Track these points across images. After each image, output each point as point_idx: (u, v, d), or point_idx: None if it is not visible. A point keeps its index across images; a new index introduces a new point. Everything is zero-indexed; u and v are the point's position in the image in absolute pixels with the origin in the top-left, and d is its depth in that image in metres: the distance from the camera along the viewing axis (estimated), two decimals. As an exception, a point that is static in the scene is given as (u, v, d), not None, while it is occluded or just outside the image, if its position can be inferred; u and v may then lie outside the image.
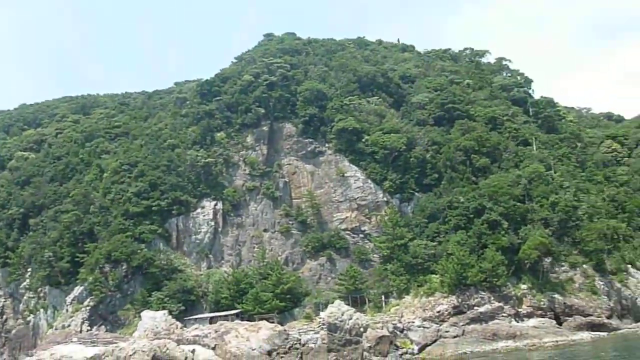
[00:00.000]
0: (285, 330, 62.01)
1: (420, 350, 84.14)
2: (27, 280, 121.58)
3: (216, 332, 58.86)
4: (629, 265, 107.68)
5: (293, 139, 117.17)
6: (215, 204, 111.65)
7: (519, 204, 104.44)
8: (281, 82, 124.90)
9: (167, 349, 51.78)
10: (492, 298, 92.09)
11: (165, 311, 67.49)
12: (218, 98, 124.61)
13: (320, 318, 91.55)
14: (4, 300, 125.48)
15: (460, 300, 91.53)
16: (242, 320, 73.32)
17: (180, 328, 63.37)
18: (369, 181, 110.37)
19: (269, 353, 55.30)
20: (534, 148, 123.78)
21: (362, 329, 60.52)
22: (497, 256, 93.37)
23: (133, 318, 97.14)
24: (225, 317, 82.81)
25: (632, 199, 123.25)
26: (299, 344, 59.72)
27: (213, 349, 56.06)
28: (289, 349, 56.84)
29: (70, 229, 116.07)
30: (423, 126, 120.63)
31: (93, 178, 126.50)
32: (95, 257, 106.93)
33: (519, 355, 68.61)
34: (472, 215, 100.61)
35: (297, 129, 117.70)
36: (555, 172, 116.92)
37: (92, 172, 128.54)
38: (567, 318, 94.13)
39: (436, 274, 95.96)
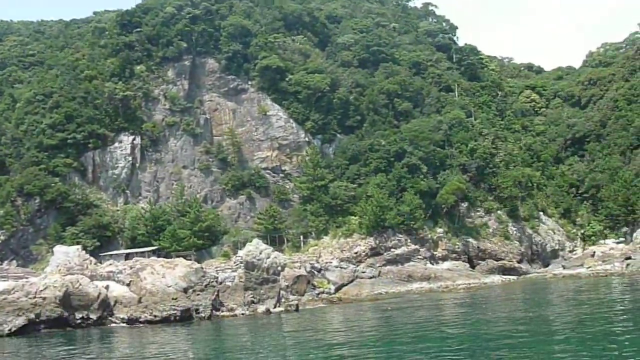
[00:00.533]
0: (202, 267, 61.31)
1: (337, 290, 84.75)
2: None
3: (131, 268, 57.64)
4: (541, 213, 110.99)
5: (215, 75, 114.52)
6: (134, 139, 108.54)
7: (438, 149, 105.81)
8: (205, 15, 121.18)
9: (80, 284, 50.37)
10: (409, 241, 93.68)
11: (79, 246, 65.76)
12: (139, 30, 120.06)
13: (238, 256, 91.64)
14: None
15: (377, 242, 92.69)
16: (159, 257, 72.17)
17: (95, 264, 61.89)
18: (291, 121, 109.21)
19: (185, 290, 54.49)
20: (456, 94, 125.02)
21: (279, 268, 60.38)
22: (415, 200, 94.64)
23: (46, 253, 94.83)
24: (142, 254, 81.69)
25: (547, 149, 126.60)
26: (216, 282, 59.15)
27: (128, 285, 54.93)
28: (206, 286, 56.11)
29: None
30: (347, 67, 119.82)
31: (5, 108, 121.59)
32: (6, 190, 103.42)
33: (433, 297, 70.00)
34: (392, 159, 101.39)
35: (220, 65, 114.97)
36: (475, 119, 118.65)
37: (4, 101, 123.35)
38: (480, 262, 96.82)
39: (355, 216, 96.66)
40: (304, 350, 29.12)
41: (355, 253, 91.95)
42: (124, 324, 50.07)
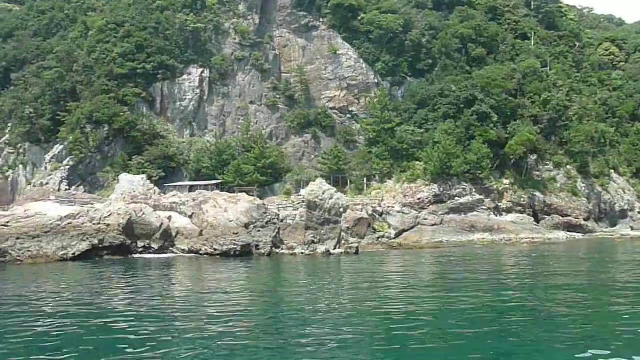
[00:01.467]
0: (264, 204, 61.02)
1: (397, 235, 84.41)
2: (7, 136, 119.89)
3: (194, 200, 57.72)
4: (612, 170, 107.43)
5: (287, 11, 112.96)
6: (202, 72, 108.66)
7: (510, 98, 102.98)
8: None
9: (144, 213, 50.65)
10: (474, 190, 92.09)
11: (144, 176, 66.31)
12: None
13: (300, 195, 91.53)
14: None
15: (441, 189, 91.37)
16: (221, 191, 72.30)
17: (159, 194, 62.34)
18: (361, 61, 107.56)
19: (246, 225, 54.31)
20: (532, 43, 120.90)
21: (341, 210, 59.57)
22: (483, 149, 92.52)
23: (112, 181, 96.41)
24: (205, 187, 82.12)
25: (623, 105, 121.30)
26: (277, 219, 58.77)
27: (190, 217, 55.09)
28: (267, 223, 55.84)
29: (53, 86, 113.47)
30: (422, 9, 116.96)
31: (78, 35, 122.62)
32: (76, 117, 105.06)
33: (495, 249, 68.59)
34: (462, 105, 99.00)
35: (292, 1, 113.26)
36: (550, 70, 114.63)
37: (77, 29, 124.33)
38: (545, 216, 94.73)
39: (420, 161, 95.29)
40: (360, 293, 28.40)
41: (419, 199, 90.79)
42: (185, 255, 50.25)
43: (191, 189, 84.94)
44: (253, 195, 70.89)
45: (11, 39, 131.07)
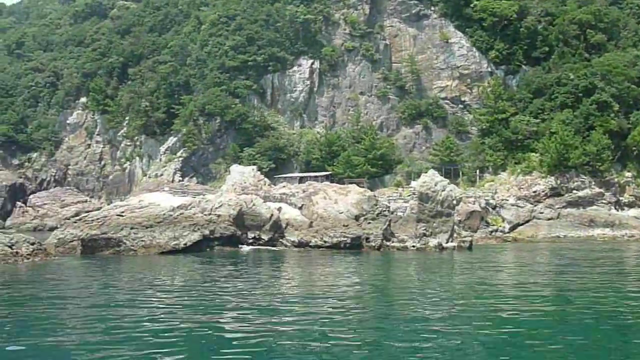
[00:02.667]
0: (374, 196, 59.86)
1: (512, 229, 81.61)
2: (125, 129, 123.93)
3: (304, 192, 57.22)
4: None
5: (397, 0, 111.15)
6: (312, 63, 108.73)
7: (633, 86, 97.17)
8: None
9: (254, 204, 50.51)
10: (593, 183, 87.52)
11: (255, 167, 66.47)
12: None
13: (411, 187, 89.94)
14: (102, 146, 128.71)
15: (558, 182, 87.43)
16: (331, 182, 71.75)
17: (269, 185, 62.23)
18: (474, 49, 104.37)
19: (357, 217, 53.33)
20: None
21: (454, 202, 57.65)
22: (603, 139, 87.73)
23: (224, 172, 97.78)
24: (315, 178, 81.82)
25: None
26: (388, 211, 57.50)
27: (300, 208, 54.61)
28: (377, 215, 54.68)
29: (167, 79, 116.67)
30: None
31: (191, 30, 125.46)
32: (189, 109, 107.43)
33: (617, 245, 64.83)
34: (581, 94, 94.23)
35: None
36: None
37: (191, 23, 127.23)
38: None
39: (536, 153, 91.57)
40: (474, 292, 26.78)
41: (534, 192, 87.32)
42: (294, 247, 49.78)
43: (301, 180, 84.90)
44: (363, 187, 69.81)
45: (128, 35, 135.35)
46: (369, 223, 53.92)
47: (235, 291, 25.86)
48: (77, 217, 54.62)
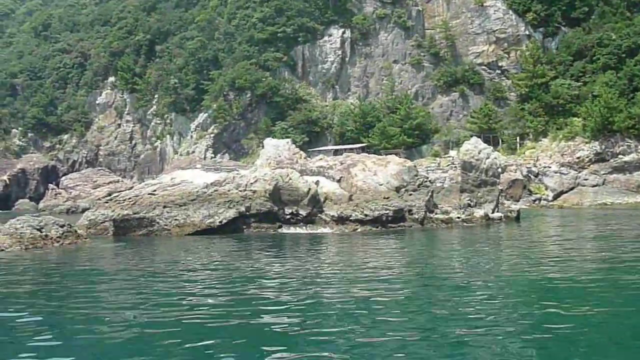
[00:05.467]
0: (415, 166, 57.38)
1: (555, 197, 79.35)
2: (154, 107, 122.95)
3: (342, 164, 54.83)
4: None
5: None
6: (343, 32, 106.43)
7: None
8: None
9: (290, 178, 48.31)
10: (639, 147, 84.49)
11: (289, 140, 64.24)
12: None
13: (449, 157, 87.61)
14: (132, 125, 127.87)
15: (603, 147, 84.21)
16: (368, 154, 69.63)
17: (304, 158, 59.93)
18: (510, 12, 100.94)
19: (397, 189, 50.88)
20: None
21: (499, 170, 55.14)
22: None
23: (256, 147, 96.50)
24: (350, 150, 79.92)
25: None
26: (429, 182, 54.95)
27: (338, 181, 52.25)
28: (419, 186, 52.13)
29: (195, 55, 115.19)
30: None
31: (218, 4, 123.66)
32: (219, 85, 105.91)
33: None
34: (624, 55, 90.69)
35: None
36: None
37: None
38: None
39: (578, 117, 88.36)
40: (524, 267, 24.46)
41: (577, 158, 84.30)
42: (334, 223, 47.54)
43: (335, 153, 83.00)
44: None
45: (154, 12, 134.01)
46: (410, 195, 51.39)
47: (274, 275, 23.87)
48: (109, 197, 52.85)
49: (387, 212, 47.67)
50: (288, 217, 48.02)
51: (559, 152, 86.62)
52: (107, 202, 50.15)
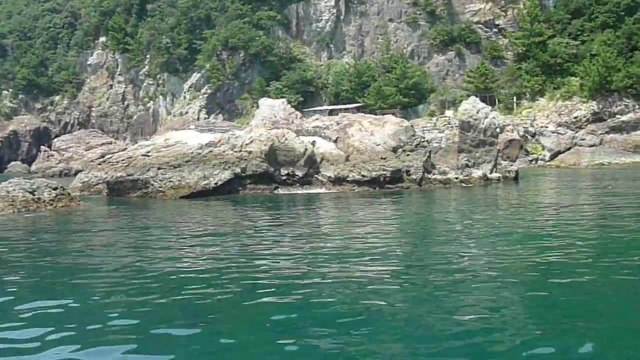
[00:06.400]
0: (412, 126, 56.63)
1: (552, 157, 79.22)
2: (146, 67, 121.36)
3: (338, 124, 54.11)
4: None
5: None
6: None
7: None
8: None
9: (286, 139, 47.57)
10: (637, 107, 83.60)
11: (285, 99, 63.34)
12: None
13: (445, 116, 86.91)
14: (124, 86, 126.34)
15: (600, 106, 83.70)
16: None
17: (300, 118, 59.10)
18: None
19: (394, 150, 50.25)
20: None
21: (497, 130, 54.49)
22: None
23: (250, 108, 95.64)
24: (346, 110, 79.00)
25: None
26: (426, 142, 54.32)
27: (335, 142, 51.56)
28: (416, 146, 51.51)
29: (187, 14, 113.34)
30: None
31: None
32: (212, 44, 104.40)
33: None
34: (622, 13, 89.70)
35: None
36: None
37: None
38: None
39: (576, 76, 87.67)
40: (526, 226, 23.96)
41: (575, 118, 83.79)
42: (330, 184, 46.90)
43: (331, 113, 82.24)
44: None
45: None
46: (408, 155, 50.77)
47: (269, 239, 23.33)
48: (102, 159, 52.08)
49: (385, 172, 47.08)
50: (284, 178, 47.37)
51: (556, 111, 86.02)
52: (100, 164, 49.46)
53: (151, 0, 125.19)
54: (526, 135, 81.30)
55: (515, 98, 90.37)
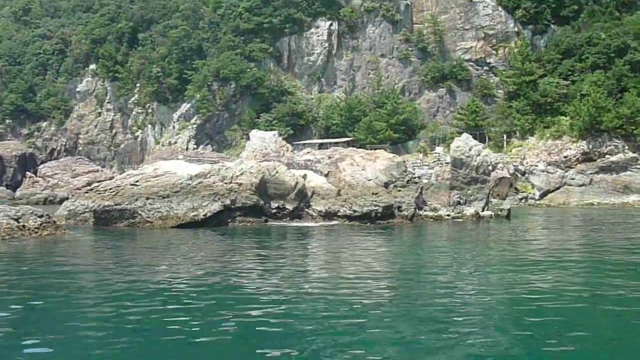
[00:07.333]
0: (404, 161, 56.35)
1: (542, 196, 78.74)
2: (136, 96, 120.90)
3: (330, 158, 53.67)
4: None
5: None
6: (331, 24, 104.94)
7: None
8: None
9: (277, 172, 47.03)
10: (627, 147, 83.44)
11: (276, 132, 62.95)
12: None
13: (435, 153, 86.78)
14: (113, 114, 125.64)
15: (590, 146, 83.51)
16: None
17: (291, 151, 58.67)
18: (500, 8, 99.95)
19: (386, 185, 49.91)
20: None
21: (490, 167, 54.16)
22: (637, 101, 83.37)
23: (240, 139, 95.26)
24: (336, 144, 78.74)
25: None
26: (418, 178, 54.00)
27: (326, 175, 51.06)
28: (407, 182, 51.20)
29: (179, 44, 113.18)
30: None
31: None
32: (203, 74, 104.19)
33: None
34: (612, 54, 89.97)
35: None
36: None
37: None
38: None
39: (566, 116, 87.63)
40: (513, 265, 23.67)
41: (565, 157, 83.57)
42: (321, 218, 46.33)
43: (320, 146, 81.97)
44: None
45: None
46: (399, 191, 50.43)
47: (258, 271, 22.94)
48: (89, 187, 51.15)
49: (377, 208, 46.59)
50: (274, 211, 46.78)
51: (546, 150, 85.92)
52: (87, 192, 48.54)
53: (143, 30, 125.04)
54: (516, 173, 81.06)
55: (505, 136, 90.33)
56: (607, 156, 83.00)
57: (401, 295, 18.41)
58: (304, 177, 49.24)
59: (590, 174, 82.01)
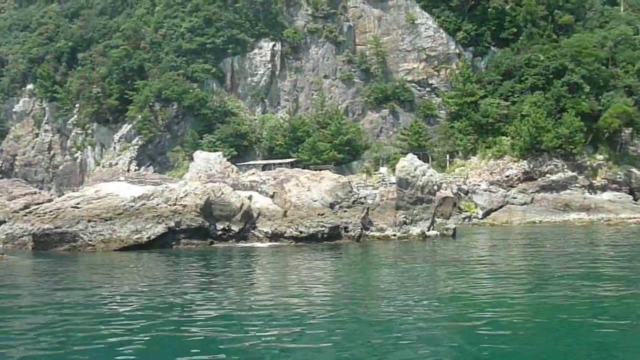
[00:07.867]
0: (349, 182, 56.19)
1: (485, 215, 79.39)
2: (75, 116, 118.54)
3: (275, 179, 53.21)
4: None
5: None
6: (274, 45, 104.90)
7: (602, 67, 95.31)
8: None
9: (222, 193, 46.36)
10: (566, 166, 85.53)
11: (220, 153, 62.23)
12: None
13: (379, 173, 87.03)
14: (51, 135, 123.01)
15: (531, 166, 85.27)
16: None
17: (236, 172, 58.05)
18: (441, 30, 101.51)
19: (331, 206, 49.64)
20: (622, 9, 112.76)
21: (435, 187, 54.29)
22: (575, 122, 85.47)
23: (182, 160, 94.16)
24: (280, 165, 78.48)
25: None
26: (364, 198, 53.92)
27: (272, 197, 50.57)
28: (353, 202, 51.08)
29: (120, 64, 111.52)
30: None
31: (144, 12, 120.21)
32: (144, 95, 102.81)
33: (596, 229, 62.46)
34: (551, 76, 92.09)
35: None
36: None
37: (144, 5, 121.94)
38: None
39: (507, 136, 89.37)
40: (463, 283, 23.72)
41: (507, 177, 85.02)
42: (267, 239, 45.76)
43: (264, 167, 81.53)
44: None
45: (77, 19, 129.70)
46: (345, 211, 50.25)
47: (202, 292, 22.52)
48: (27, 210, 49.59)
49: (323, 229, 46.27)
50: (220, 233, 46.00)
51: (488, 170, 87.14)
52: (25, 215, 47.07)
53: (82, 49, 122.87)
54: (459, 193, 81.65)
55: (448, 156, 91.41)
56: (547, 175, 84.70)
57: (346, 314, 18.22)
58: (250, 198, 48.68)
59: (532, 192, 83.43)
